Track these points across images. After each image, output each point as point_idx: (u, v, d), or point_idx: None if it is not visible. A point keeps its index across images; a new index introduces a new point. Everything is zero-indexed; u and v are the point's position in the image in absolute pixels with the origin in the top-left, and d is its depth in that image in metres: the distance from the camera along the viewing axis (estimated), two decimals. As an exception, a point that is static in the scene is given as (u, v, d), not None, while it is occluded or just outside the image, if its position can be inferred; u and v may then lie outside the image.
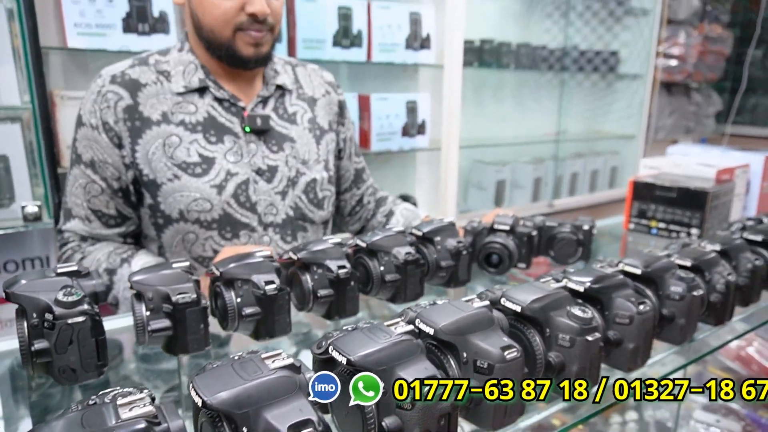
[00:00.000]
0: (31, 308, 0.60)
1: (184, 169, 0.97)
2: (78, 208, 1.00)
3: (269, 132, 1.04)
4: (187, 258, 1.01)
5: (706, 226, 1.26)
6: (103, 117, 0.96)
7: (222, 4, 0.93)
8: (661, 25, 2.90)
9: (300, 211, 1.08)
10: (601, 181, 2.96)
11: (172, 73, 0.99)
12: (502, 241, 1.03)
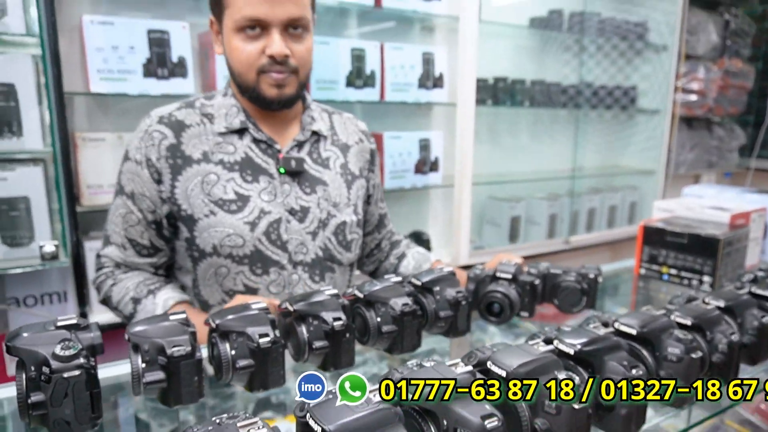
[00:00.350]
0: (29, 361, 0.62)
1: (220, 206, 1.02)
2: (116, 236, 1.06)
3: (303, 174, 1.08)
4: (217, 290, 1.06)
5: (718, 273, 1.24)
6: (147, 154, 1.01)
7: (245, 48, 0.98)
8: (679, 60, 2.89)
9: (329, 252, 1.10)
10: (620, 217, 2.92)
11: (216, 116, 1.05)
12: (503, 290, 1.02)
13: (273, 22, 0.96)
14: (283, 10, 0.95)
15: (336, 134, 1.16)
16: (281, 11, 0.95)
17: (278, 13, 0.95)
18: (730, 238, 1.25)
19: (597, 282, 1.10)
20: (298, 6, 0.97)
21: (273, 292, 1.06)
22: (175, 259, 1.10)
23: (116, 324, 1.57)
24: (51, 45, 1.37)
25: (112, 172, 1.55)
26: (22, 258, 1.33)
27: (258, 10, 0.94)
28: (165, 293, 1.03)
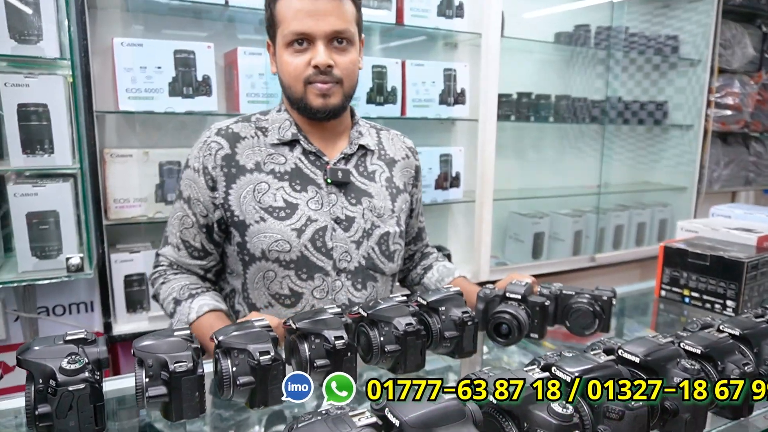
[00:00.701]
0: (37, 374, 0.65)
1: (270, 213, 1.07)
2: (172, 237, 1.13)
3: (349, 185, 1.13)
4: (264, 293, 1.11)
5: (743, 298, 1.19)
6: (204, 162, 1.08)
7: (293, 61, 1.04)
8: (711, 75, 2.81)
9: (372, 261, 1.14)
10: (649, 235, 2.84)
11: (269, 129, 1.12)
12: (512, 311, 1.01)
13: (318, 35, 1.02)
14: (326, 23, 1.01)
15: (383, 149, 1.21)
16: (325, 24, 1.01)
17: (322, 26, 1.01)
18: (755, 261, 1.20)
19: (611, 304, 1.07)
20: (341, 20, 1.03)
21: (317, 297, 1.10)
22: (226, 263, 1.16)
23: (140, 333, 1.62)
24: (82, 67, 1.44)
25: (138, 187, 1.61)
26: (50, 270, 1.38)
27: (304, 24, 1.01)
28: (202, 299, 1.08)
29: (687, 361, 0.71)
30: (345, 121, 1.16)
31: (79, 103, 1.41)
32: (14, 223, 1.34)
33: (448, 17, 2.03)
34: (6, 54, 1.30)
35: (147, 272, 1.66)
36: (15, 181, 1.37)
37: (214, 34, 1.80)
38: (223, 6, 1.65)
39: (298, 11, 1.01)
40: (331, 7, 1.02)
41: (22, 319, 1.62)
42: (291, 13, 1.02)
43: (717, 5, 2.73)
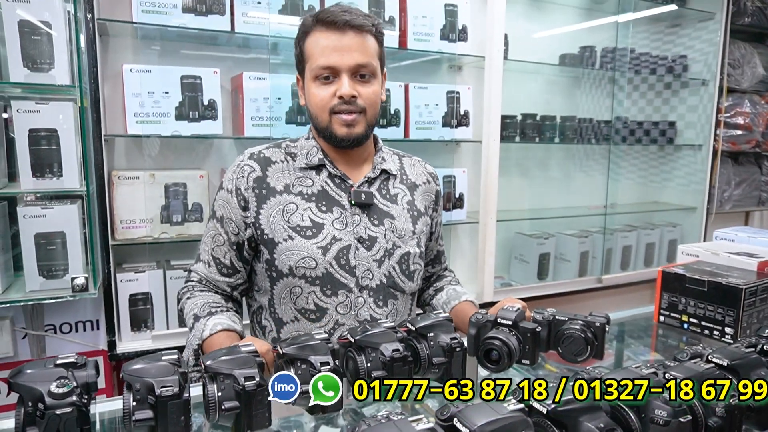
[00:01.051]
0: (27, 397, 0.67)
1: (297, 231, 1.14)
2: (204, 254, 1.19)
3: (372, 207, 1.20)
4: (291, 308, 1.16)
5: (741, 324, 1.17)
6: (237, 184, 1.15)
7: (320, 93, 1.12)
8: (720, 95, 2.80)
9: (392, 279, 1.20)
10: (659, 256, 2.81)
11: (298, 155, 1.20)
12: (503, 337, 1.01)
13: (342, 68, 1.10)
14: (350, 57, 1.09)
15: (405, 174, 1.29)
16: (349, 58, 1.09)
17: (347, 60, 1.09)
18: (754, 287, 1.19)
19: (604, 331, 1.06)
20: (364, 55, 1.11)
21: (341, 312, 1.16)
22: (254, 281, 1.22)
23: (144, 351, 1.65)
24: (92, 93, 1.50)
25: (144, 208, 1.65)
26: (56, 289, 1.42)
27: (330, 59, 1.09)
28: (219, 318, 1.11)
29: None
30: (369, 148, 1.23)
31: (87, 127, 1.46)
32: (23, 244, 1.39)
33: (452, 41, 2.06)
34: (19, 82, 1.35)
35: (152, 291, 1.69)
36: (25, 203, 1.42)
37: (221, 60, 1.85)
38: (230, 33, 1.70)
39: (325, 47, 1.09)
40: (355, 43, 1.10)
41: (30, 336, 1.66)
42: (318, 49, 1.10)
43: (725, 25, 2.72)
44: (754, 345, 0.92)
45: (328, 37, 1.09)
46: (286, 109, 1.80)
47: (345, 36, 1.09)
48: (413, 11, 1.97)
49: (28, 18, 1.34)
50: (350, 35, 1.09)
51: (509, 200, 2.46)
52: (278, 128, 1.78)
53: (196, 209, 1.71)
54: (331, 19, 1.09)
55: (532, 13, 2.52)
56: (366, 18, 1.12)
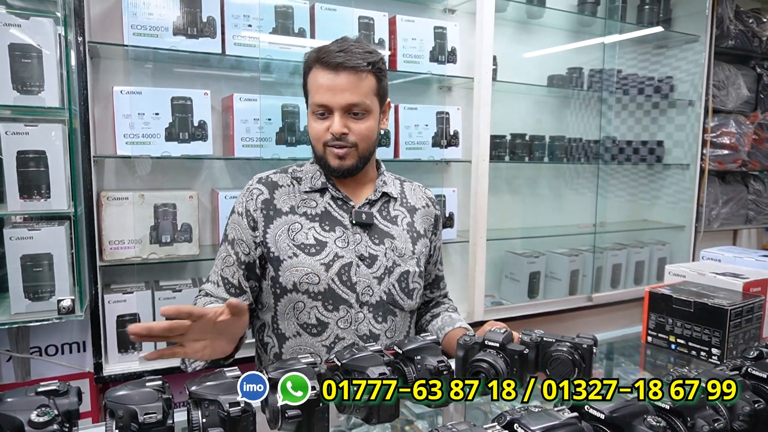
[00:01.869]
0: (7, 427, 0.66)
1: (302, 249, 1.20)
2: (214, 275, 1.25)
3: (373, 227, 1.26)
4: (293, 323, 1.21)
5: (728, 345, 1.18)
6: (247, 206, 1.23)
7: (316, 126, 1.20)
8: (706, 115, 2.85)
9: (392, 296, 1.25)
10: (648, 274, 2.82)
11: (303, 178, 1.28)
12: (491, 359, 1.01)
13: (335, 107, 1.17)
14: (342, 97, 1.16)
15: (405, 198, 1.35)
16: (341, 98, 1.16)
17: (338, 100, 1.16)
18: (739, 308, 1.20)
19: (591, 353, 1.06)
20: (357, 94, 1.17)
21: (341, 327, 1.21)
22: (259, 299, 1.28)
23: (131, 374, 1.63)
24: (82, 114, 1.50)
25: (132, 229, 1.64)
26: (42, 311, 1.41)
27: (324, 97, 1.17)
28: (212, 301, 1.19)
29: (653, 418, 0.71)
30: (370, 173, 1.31)
31: (76, 149, 1.46)
32: (9, 266, 1.38)
33: (441, 62, 2.09)
34: (8, 105, 1.36)
35: (140, 312, 1.68)
36: (12, 225, 1.41)
37: (211, 80, 1.86)
38: (221, 55, 1.72)
39: (320, 86, 1.17)
40: (348, 83, 1.16)
41: (15, 358, 1.64)
42: (315, 87, 1.18)
43: (709, 48, 2.78)
44: (739, 368, 0.92)
45: (324, 76, 1.16)
46: (276, 129, 1.81)
47: (338, 76, 1.15)
48: (403, 33, 2.01)
49: (20, 41, 1.35)
50: (343, 76, 1.15)
51: (499, 219, 2.47)
52: (268, 149, 1.79)
53: (185, 230, 1.71)
54: (326, 59, 1.16)
55: (520, 35, 2.56)
56: (364, 56, 1.17)
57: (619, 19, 2.58)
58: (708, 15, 2.77)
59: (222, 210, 1.75)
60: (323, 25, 1.84)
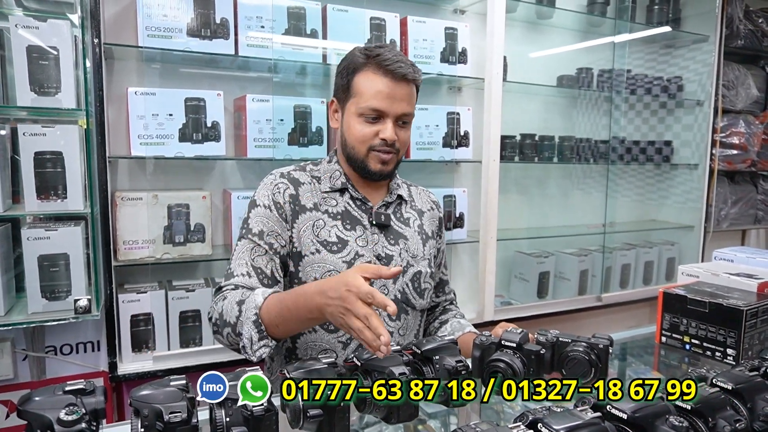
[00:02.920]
0: (36, 425, 0.67)
1: (324, 246, 1.21)
2: (240, 268, 1.15)
3: (389, 228, 1.28)
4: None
5: (743, 346, 1.18)
6: (275, 199, 1.21)
7: (363, 129, 1.19)
8: (715, 115, 2.84)
9: (405, 295, 1.27)
10: (658, 274, 2.82)
11: (322, 178, 1.28)
12: (507, 359, 1.01)
13: (389, 114, 1.18)
14: (399, 106, 1.18)
15: (414, 201, 1.38)
16: (398, 107, 1.18)
17: (395, 108, 1.18)
18: (755, 309, 1.20)
19: (608, 353, 1.06)
20: (410, 105, 1.21)
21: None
22: None
23: (145, 373, 1.64)
24: (97, 115, 1.51)
25: (146, 229, 1.65)
26: (59, 311, 1.42)
27: (381, 104, 1.17)
28: (262, 289, 1.07)
29: (676, 418, 0.71)
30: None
31: (92, 150, 1.47)
32: (26, 266, 1.39)
33: (452, 63, 2.10)
34: (26, 106, 1.37)
35: (153, 312, 1.69)
36: (29, 225, 1.42)
37: (224, 81, 1.87)
38: (233, 56, 1.73)
39: (379, 91, 1.17)
40: (404, 93, 1.18)
41: (30, 358, 1.65)
42: (372, 91, 1.17)
43: (718, 47, 2.78)
44: (758, 368, 0.92)
45: (383, 83, 1.16)
46: (288, 130, 1.82)
47: (398, 86, 1.17)
48: (414, 34, 2.01)
49: (37, 43, 1.37)
50: (403, 85, 1.17)
51: (509, 219, 2.48)
52: (281, 149, 1.80)
53: (198, 230, 1.72)
54: (390, 67, 1.16)
55: (530, 35, 2.56)
56: (416, 70, 1.20)
57: (628, 19, 2.57)
58: (717, 14, 2.76)
59: (235, 210, 1.76)
60: (335, 26, 1.85)
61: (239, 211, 1.76)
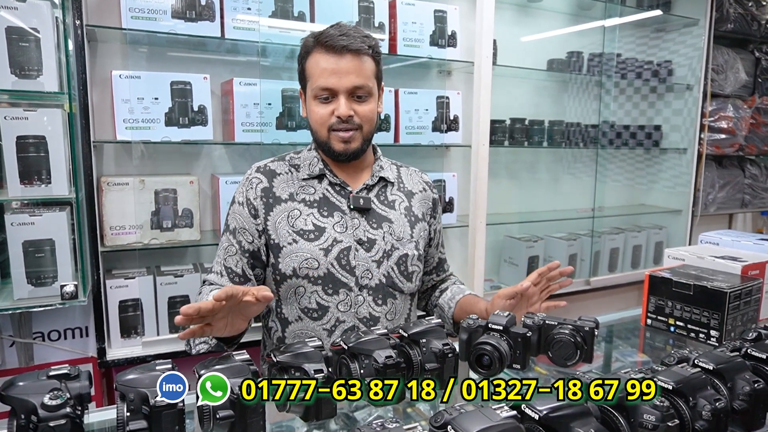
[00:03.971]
0: (20, 409, 0.67)
1: (301, 235, 1.21)
2: (217, 265, 1.24)
3: (370, 212, 1.27)
4: (295, 308, 1.22)
5: (726, 327, 1.20)
6: (247, 195, 1.23)
7: (319, 110, 1.20)
8: (704, 100, 2.85)
9: (391, 279, 1.26)
10: (646, 258, 2.85)
11: (301, 165, 1.28)
12: (494, 342, 1.02)
13: (340, 90, 1.17)
14: (347, 80, 1.17)
15: (402, 182, 1.36)
16: (346, 81, 1.17)
17: (344, 83, 1.16)
18: (738, 291, 1.21)
19: (593, 335, 1.08)
20: (360, 77, 1.18)
21: (341, 310, 1.22)
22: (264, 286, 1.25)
23: (134, 358, 1.64)
24: (81, 99, 1.49)
25: (133, 214, 1.64)
26: (45, 297, 1.41)
27: (328, 81, 1.17)
28: (215, 291, 1.09)
29: (657, 398, 0.72)
30: (368, 158, 1.30)
31: (76, 134, 1.45)
32: (11, 251, 1.37)
33: (441, 46, 2.08)
34: (6, 89, 1.34)
35: (142, 298, 1.68)
36: (13, 211, 1.40)
37: (210, 64, 1.85)
38: (220, 39, 1.70)
39: (324, 69, 1.16)
40: (352, 66, 1.16)
41: (17, 344, 1.64)
42: (318, 71, 1.17)
43: (708, 31, 2.77)
44: (738, 349, 0.94)
45: (327, 60, 1.16)
46: (276, 114, 1.80)
47: (342, 59, 1.16)
48: (403, 17, 1.99)
49: (16, 24, 1.33)
50: (347, 58, 1.16)
51: (498, 204, 2.48)
52: (269, 134, 1.78)
53: (186, 215, 1.71)
54: (330, 42, 1.15)
55: (520, 18, 2.54)
56: (363, 40, 1.18)
57: (619, 2, 2.56)
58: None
59: (223, 195, 1.74)
60: (323, 8, 1.82)
61: (227, 196, 1.74)
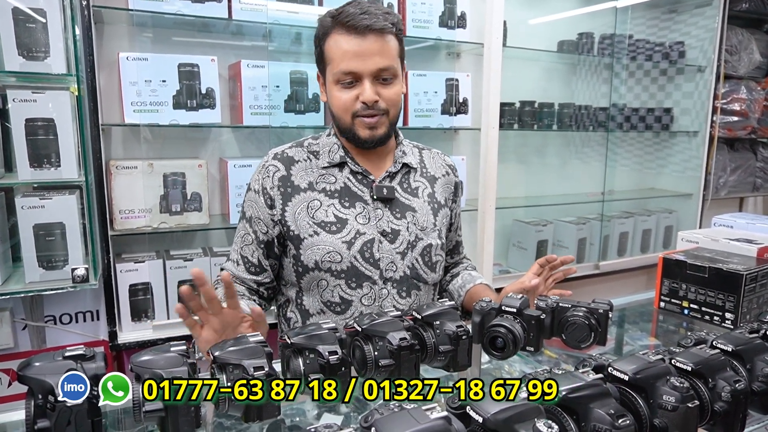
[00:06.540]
0: (37, 389, 0.67)
1: (322, 227, 1.16)
2: (234, 254, 1.22)
3: (394, 201, 1.21)
4: (317, 301, 1.19)
5: (742, 310, 1.19)
6: (263, 184, 1.18)
7: (342, 96, 1.12)
8: (717, 81, 2.80)
9: (416, 271, 1.22)
10: (655, 242, 2.83)
11: (320, 152, 1.21)
12: (508, 324, 1.01)
13: (364, 73, 1.09)
14: (372, 62, 1.09)
15: (425, 167, 1.29)
16: (371, 63, 1.09)
17: (368, 65, 1.09)
18: (754, 273, 1.20)
19: (607, 318, 1.07)
20: (385, 58, 1.10)
21: (365, 304, 1.18)
22: (282, 275, 1.25)
23: (145, 341, 1.65)
24: (89, 81, 1.47)
25: (142, 198, 1.64)
26: (57, 280, 1.41)
27: (351, 64, 1.09)
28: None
29: (677, 379, 0.71)
30: (390, 143, 1.24)
31: (85, 117, 1.44)
32: (21, 235, 1.37)
33: (450, 28, 2.05)
34: (14, 71, 1.33)
35: (152, 281, 1.69)
36: (23, 194, 1.40)
37: (218, 47, 1.83)
38: (227, 20, 1.68)
39: (346, 52, 1.08)
40: (376, 47, 1.08)
41: (30, 327, 1.65)
42: (339, 54, 1.09)
43: (722, 11, 2.72)
44: (757, 330, 0.93)
45: (348, 42, 1.08)
46: (285, 97, 1.78)
47: (366, 40, 1.08)
48: (412, -3, 1.96)
49: (22, 5, 1.32)
50: (371, 39, 1.08)
51: (507, 188, 2.46)
52: (277, 117, 1.77)
53: (195, 199, 1.70)
54: (351, 22, 1.07)
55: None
56: (386, 17, 1.09)
57: (631, -19, 2.51)
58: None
59: (231, 179, 1.74)
60: None
61: (236, 179, 1.74)
